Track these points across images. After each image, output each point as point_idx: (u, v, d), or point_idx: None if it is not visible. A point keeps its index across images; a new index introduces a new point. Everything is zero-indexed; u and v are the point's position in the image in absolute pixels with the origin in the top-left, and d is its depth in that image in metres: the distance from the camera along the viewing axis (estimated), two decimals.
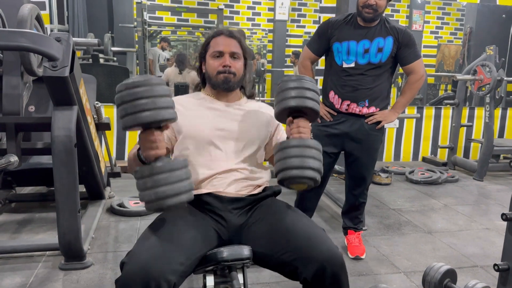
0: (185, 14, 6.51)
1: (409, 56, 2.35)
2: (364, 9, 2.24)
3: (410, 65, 2.37)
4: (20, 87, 2.29)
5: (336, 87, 2.39)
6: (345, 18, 2.37)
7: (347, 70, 2.34)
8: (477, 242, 2.76)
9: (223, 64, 1.54)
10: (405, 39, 2.32)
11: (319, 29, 2.44)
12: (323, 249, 1.28)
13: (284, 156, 1.29)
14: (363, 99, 2.35)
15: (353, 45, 2.31)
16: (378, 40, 2.30)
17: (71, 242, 2.13)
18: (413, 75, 2.40)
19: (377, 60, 2.32)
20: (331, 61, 2.42)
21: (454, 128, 4.83)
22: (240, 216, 1.44)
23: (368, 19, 2.27)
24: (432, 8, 5.27)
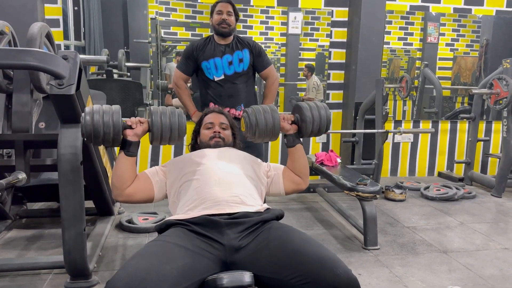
0: (199, 29, 6.57)
1: (262, 63, 2.89)
2: (220, 25, 2.76)
3: (264, 71, 2.91)
4: (29, 105, 2.31)
5: (214, 98, 2.84)
6: (205, 40, 2.87)
7: (219, 82, 2.83)
8: (495, 263, 2.65)
9: (214, 131, 1.92)
10: (256, 50, 2.86)
11: (185, 52, 2.90)
12: (338, 272, 1.23)
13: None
14: (239, 104, 2.84)
15: (218, 61, 2.80)
16: (237, 53, 2.82)
17: (76, 260, 2.11)
18: (268, 79, 2.94)
19: (240, 69, 2.83)
20: (203, 77, 2.87)
21: (471, 142, 4.71)
22: (241, 239, 1.40)
23: (225, 33, 2.78)
24: (447, 21, 5.19)
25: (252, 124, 1.71)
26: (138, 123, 1.64)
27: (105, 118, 1.53)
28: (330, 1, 4.66)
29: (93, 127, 1.52)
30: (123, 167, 1.64)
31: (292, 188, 1.85)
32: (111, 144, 1.59)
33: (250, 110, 1.75)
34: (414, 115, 5.23)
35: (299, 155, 1.82)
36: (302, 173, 1.83)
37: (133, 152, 1.64)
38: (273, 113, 1.71)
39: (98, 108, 1.56)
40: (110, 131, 1.54)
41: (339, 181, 3.09)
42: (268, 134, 1.72)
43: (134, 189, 1.68)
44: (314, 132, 1.78)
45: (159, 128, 1.61)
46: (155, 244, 1.37)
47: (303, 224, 3.29)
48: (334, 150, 3.94)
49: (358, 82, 4.56)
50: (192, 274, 1.26)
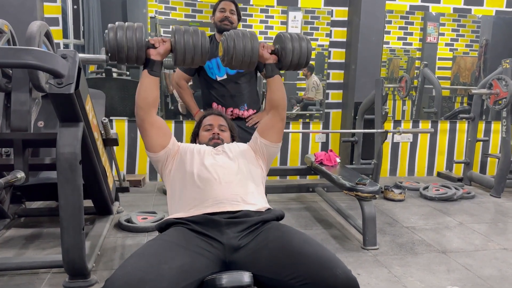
0: (199, 29, 6.57)
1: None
2: (222, 22, 2.75)
3: None
4: (28, 104, 2.30)
5: (217, 98, 2.81)
6: None
7: (221, 82, 2.80)
8: (494, 263, 2.65)
9: (213, 132, 1.92)
10: None
11: None
12: (337, 272, 1.23)
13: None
14: (242, 104, 2.80)
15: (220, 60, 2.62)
16: None
17: (75, 260, 2.10)
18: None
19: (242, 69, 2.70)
20: (205, 77, 2.84)
21: (470, 143, 4.72)
22: (241, 238, 1.40)
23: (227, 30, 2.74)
24: (447, 20, 5.18)
25: (229, 48, 1.65)
26: (161, 42, 1.62)
27: (129, 35, 1.52)
28: (329, 1, 4.66)
29: (117, 43, 1.52)
30: (148, 87, 1.63)
31: (275, 131, 1.80)
32: (134, 61, 1.58)
33: (228, 33, 1.69)
34: (414, 115, 5.23)
35: (277, 87, 1.78)
36: (278, 104, 1.79)
37: (157, 71, 1.63)
38: (252, 39, 1.66)
39: (121, 25, 1.56)
40: (134, 47, 1.53)
41: (338, 181, 3.08)
42: (246, 61, 1.67)
43: (158, 122, 1.70)
44: (294, 63, 1.74)
45: (183, 48, 1.58)
46: (154, 243, 1.36)
47: (302, 224, 3.29)
48: (333, 150, 3.94)
49: (358, 82, 4.56)
50: (191, 273, 1.26)
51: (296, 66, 1.77)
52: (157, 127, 1.70)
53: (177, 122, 4.55)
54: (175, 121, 4.54)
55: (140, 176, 4.36)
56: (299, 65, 1.76)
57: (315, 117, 4.92)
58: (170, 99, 4.79)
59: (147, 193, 4.06)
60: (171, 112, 4.69)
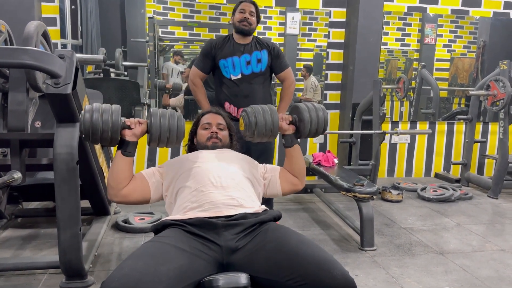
0: (197, 29, 6.55)
1: (280, 65, 2.87)
2: (241, 23, 2.74)
3: (282, 73, 2.89)
4: (25, 104, 2.29)
5: (230, 97, 2.81)
6: (224, 39, 2.85)
7: (235, 82, 2.80)
8: (492, 264, 2.65)
9: (211, 131, 1.91)
10: (275, 51, 2.84)
11: (203, 50, 2.87)
12: (335, 274, 1.23)
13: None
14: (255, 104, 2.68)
15: (236, 60, 2.78)
16: (256, 53, 2.80)
17: (72, 260, 2.09)
18: (285, 81, 2.92)
19: (258, 69, 2.80)
20: (220, 76, 2.84)
21: (468, 144, 4.72)
22: (238, 240, 1.40)
23: (245, 31, 2.76)
24: (445, 22, 5.19)
25: (251, 124, 1.72)
26: (137, 124, 1.64)
27: (104, 117, 1.54)
28: (328, 2, 4.66)
29: (92, 125, 1.53)
30: (120, 167, 1.63)
31: (289, 189, 1.85)
32: (109, 142, 1.59)
33: (249, 109, 1.76)
34: (411, 116, 5.24)
35: (297, 155, 1.83)
36: (299, 173, 1.84)
37: (131, 152, 1.64)
38: (272, 114, 1.73)
39: (98, 107, 1.57)
40: (108, 130, 1.54)
41: (336, 182, 3.08)
42: (267, 134, 1.74)
43: (130, 190, 1.67)
44: (312, 133, 1.80)
45: (158, 130, 1.62)
46: (151, 245, 1.36)
47: (300, 225, 3.29)
48: (331, 151, 3.93)
49: (356, 83, 4.56)
50: (188, 275, 1.25)
51: (314, 135, 1.83)
52: (131, 194, 1.68)
53: None
54: None
55: None
56: (317, 133, 1.82)
57: None
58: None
59: None
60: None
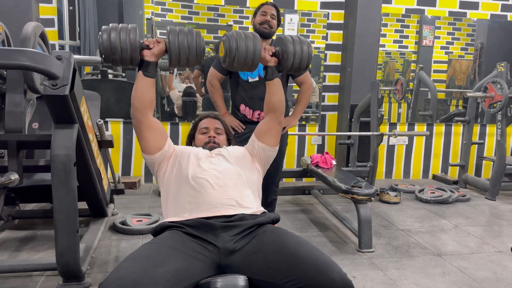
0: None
1: None
2: (262, 25, 2.73)
3: (300, 77, 2.88)
4: (22, 105, 2.28)
5: (245, 100, 2.79)
6: None
7: (252, 84, 2.78)
8: (489, 266, 2.66)
9: (208, 136, 1.91)
10: None
11: None
12: (333, 276, 1.23)
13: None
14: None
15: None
16: None
17: (69, 262, 2.08)
18: (303, 85, 2.91)
19: None
20: (237, 78, 2.82)
21: (465, 145, 4.73)
22: (236, 242, 1.39)
23: (265, 34, 2.73)
24: (443, 24, 5.20)
25: (231, 49, 1.63)
26: (155, 43, 1.61)
27: (122, 36, 1.51)
28: (326, 4, 4.67)
29: (111, 45, 1.50)
30: (143, 88, 1.63)
31: (271, 135, 1.81)
32: (129, 62, 1.56)
33: (231, 33, 1.67)
34: (409, 118, 5.25)
35: (276, 89, 1.79)
36: (277, 108, 1.80)
37: (152, 72, 1.63)
38: (254, 40, 1.65)
39: (115, 26, 1.54)
40: (127, 48, 1.51)
41: (334, 183, 3.08)
42: (248, 63, 1.66)
43: (155, 124, 1.70)
44: (295, 67, 1.74)
45: (177, 48, 1.57)
46: (149, 247, 1.35)
47: (298, 226, 3.29)
48: (329, 152, 3.94)
49: (354, 85, 4.57)
50: (186, 277, 1.25)
51: (297, 69, 1.77)
52: (154, 129, 1.70)
53: (173, 124, 4.53)
54: (171, 123, 4.53)
55: (135, 178, 4.34)
56: (300, 68, 1.76)
57: (311, 119, 4.92)
58: (166, 101, 4.79)
59: (142, 195, 4.04)
60: (167, 114, 4.68)
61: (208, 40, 6.67)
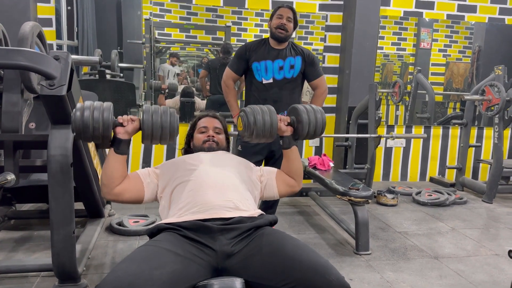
0: (193, 31, 6.54)
1: (314, 73, 2.83)
2: (277, 29, 2.71)
3: (315, 81, 2.85)
4: (19, 105, 2.27)
5: (259, 101, 2.75)
6: (259, 42, 2.83)
7: (266, 86, 2.78)
8: (486, 269, 2.66)
9: (207, 135, 1.92)
10: (309, 58, 2.81)
11: (238, 52, 2.86)
12: (330, 279, 1.23)
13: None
14: (283, 110, 2.63)
15: (269, 64, 2.76)
16: (289, 59, 2.77)
17: (65, 263, 2.07)
18: (318, 89, 2.88)
19: (290, 75, 2.78)
20: (252, 79, 2.82)
21: (462, 148, 4.74)
22: (233, 245, 1.39)
23: (280, 38, 2.73)
24: (440, 27, 5.22)
25: (250, 124, 1.69)
26: (129, 121, 1.62)
27: (95, 115, 1.52)
28: (324, 6, 4.68)
29: (83, 123, 1.51)
30: (113, 165, 1.62)
31: (286, 191, 1.84)
32: (100, 140, 1.57)
33: (248, 110, 1.73)
34: (407, 121, 5.26)
35: (294, 157, 1.82)
36: (296, 175, 1.83)
37: (123, 150, 1.63)
38: (271, 114, 1.71)
39: (89, 105, 1.55)
40: (99, 127, 1.52)
41: (331, 185, 3.08)
42: (266, 135, 1.71)
43: (124, 189, 1.66)
44: (310, 135, 1.79)
45: (150, 127, 1.59)
46: (145, 249, 1.35)
47: (295, 228, 3.28)
48: (327, 154, 3.93)
49: (352, 87, 4.57)
50: (182, 279, 1.24)
51: (312, 137, 1.82)
52: (126, 192, 1.67)
53: None
54: None
55: None
56: (315, 135, 1.81)
57: None
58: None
59: None
60: None
61: (207, 41, 6.68)
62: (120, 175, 1.64)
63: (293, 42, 2.88)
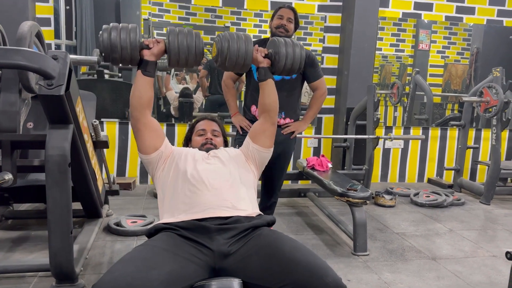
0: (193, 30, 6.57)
1: (314, 74, 2.80)
2: (278, 29, 2.69)
3: (314, 83, 2.81)
4: (17, 104, 2.27)
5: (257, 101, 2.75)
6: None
7: None
8: (483, 270, 2.66)
9: (206, 138, 1.91)
10: (310, 60, 2.72)
11: None
12: (327, 281, 1.23)
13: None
14: (280, 112, 2.64)
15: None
16: None
17: (62, 263, 2.06)
18: (317, 91, 2.84)
19: (289, 76, 2.68)
20: (251, 78, 2.78)
21: (460, 150, 4.75)
22: (231, 245, 1.39)
23: None
24: (439, 28, 5.23)
25: (223, 49, 1.64)
26: (155, 43, 1.63)
27: (122, 36, 1.52)
28: (323, 7, 4.68)
29: (111, 43, 1.51)
30: (142, 87, 1.64)
31: (265, 135, 1.81)
32: (128, 61, 1.58)
33: (222, 34, 1.68)
34: (405, 122, 5.27)
35: (270, 90, 1.79)
36: (271, 109, 1.80)
37: (151, 71, 1.64)
38: (246, 42, 1.66)
39: (116, 25, 1.55)
40: (127, 47, 1.52)
41: (329, 186, 3.08)
42: (239, 63, 1.67)
43: (152, 124, 1.70)
44: (287, 68, 1.76)
45: (176, 48, 1.58)
46: (143, 249, 1.34)
47: (293, 229, 3.28)
48: (325, 155, 3.94)
49: (350, 88, 4.58)
50: (180, 279, 1.24)
51: (289, 72, 1.78)
52: (151, 128, 1.70)
53: (169, 125, 4.52)
54: (167, 124, 4.52)
55: (130, 179, 4.32)
56: (292, 70, 1.77)
57: None
58: (162, 102, 4.77)
59: (137, 196, 4.02)
60: (163, 115, 4.67)
61: (206, 41, 6.67)
62: (149, 97, 1.66)
63: None
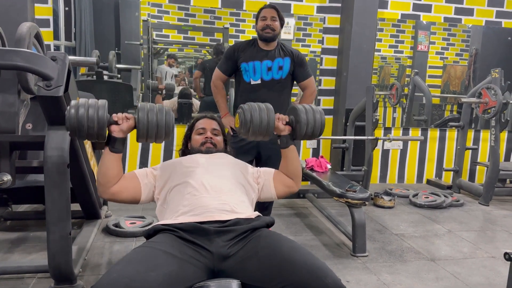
0: (191, 33, 6.54)
1: (303, 74, 2.83)
2: (264, 30, 2.71)
3: (304, 82, 2.85)
4: (16, 105, 2.27)
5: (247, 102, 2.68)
6: (248, 42, 2.84)
7: (254, 87, 2.77)
8: (482, 271, 2.66)
9: (205, 136, 1.91)
10: (298, 59, 2.80)
11: (226, 52, 2.87)
12: (326, 282, 1.23)
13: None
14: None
15: (257, 64, 2.75)
16: (278, 60, 2.77)
17: (61, 264, 2.06)
18: (307, 90, 2.87)
19: (278, 76, 2.77)
20: (240, 79, 2.82)
21: (459, 151, 4.76)
22: (230, 247, 1.38)
23: (268, 38, 2.73)
24: (438, 29, 5.24)
25: (247, 121, 1.68)
26: (124, 119, 1.59)
27: (90, 113, 1.50)
28: (322, 8, 4.69)
29: (77, 120, 1.49)
30: (108, 164, 1.61)
31: (284, 191, 1.83)
32: (95, 138, 1.55)
33: (246, 107, 1.72)
34: (404, 123, 5.27)
35: (292, 156, 1.80)
36: (294, 175, 1.82)
37: (118, 148, 1.60)
38: (268, 112, 1.69)
39: (84, 102, 1.53)
40: (94, 126, 1.50)
41: (328, 187, 3.08)
42: (262, 133, 1.69)
43: (120, 188, 1.65)
44: (308, 135, 1.77)
45: (145, 125, 1.57)
46: (141, 250, 1.34)
47: (292, 230, 3.28)
48: (324, 156, 3.94)
49: (349, 89, 4.58)
50: (178, 281, 1.24)
51: (310, 137, 1.80)
52: (123, 191, 1.66)
53: None
54: None
55: None
56: (313, 136, 1.78)
57: None
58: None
59: None
60: None
61: (205, 42, 6.67)
62: (115, 173, 1.63)
63: (282, 43, 2.87)
